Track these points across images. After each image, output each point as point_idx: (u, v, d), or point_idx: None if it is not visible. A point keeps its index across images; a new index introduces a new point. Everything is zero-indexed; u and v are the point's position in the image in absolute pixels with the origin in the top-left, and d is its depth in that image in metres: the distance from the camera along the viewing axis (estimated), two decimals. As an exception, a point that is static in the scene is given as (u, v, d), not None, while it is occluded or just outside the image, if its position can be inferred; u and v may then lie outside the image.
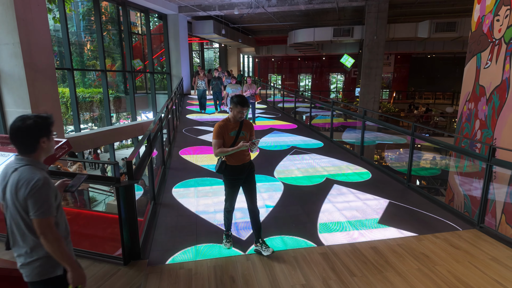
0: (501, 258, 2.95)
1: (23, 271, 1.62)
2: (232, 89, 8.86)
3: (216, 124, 2.86)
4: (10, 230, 1.59)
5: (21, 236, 1.56)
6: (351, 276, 2.66)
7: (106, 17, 12.23)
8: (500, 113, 4.59)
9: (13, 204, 1.51)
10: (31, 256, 1.58)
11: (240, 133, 2.87)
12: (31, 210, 1.47)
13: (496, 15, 4.86)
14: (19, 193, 1.47)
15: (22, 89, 6.39)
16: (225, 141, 2.84)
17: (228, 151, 2.80)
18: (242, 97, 2.81)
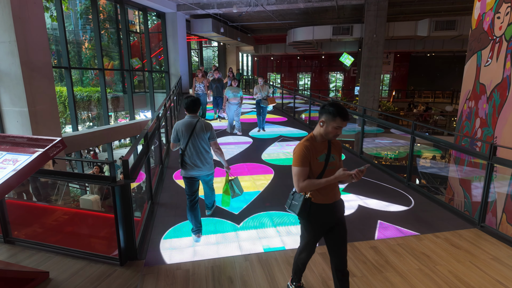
0: (502, 257, 2.92)
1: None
2: (233, 92, 7.65)
3: (299, 145, 2.05)
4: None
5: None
6: (351, 277, 2.62)
7: (104, 16, 12.16)
8: (501, 111, 4.56)
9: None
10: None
11: (330, 157, 2.08)
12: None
13: (497, 13, 4.82)
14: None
15: (18, 87, 6.33)
16: (311, 168, 2.05)
17: (322, 183, 1.99)
18: (341, 107, 1.97)
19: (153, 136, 4.26)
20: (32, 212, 4.19)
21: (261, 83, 8.04)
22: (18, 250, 2.95)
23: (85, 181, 3.39)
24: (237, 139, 7.61)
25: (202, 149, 3.25)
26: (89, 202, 5.83)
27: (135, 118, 11.88)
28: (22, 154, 2.31)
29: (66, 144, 2.52)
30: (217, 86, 9.44)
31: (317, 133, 2.07)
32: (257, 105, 8.12)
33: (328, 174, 2.05)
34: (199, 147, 3.23)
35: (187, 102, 3.27)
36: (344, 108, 1.98)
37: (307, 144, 2.04)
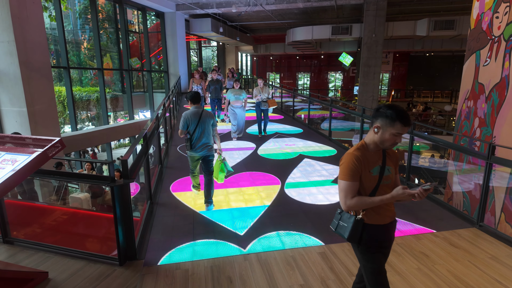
0: (501, 256, 2.93)
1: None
2: (235, 95, 6.97)
3: (348, 156, 1.75)
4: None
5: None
6: (350, 276, 2.63)
7: (103, 15, 12.14)
8: (500, 111, 4.57)
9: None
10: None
11: (385, 169, 1.77)
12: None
13: (496, 12, 4.83)
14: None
15: (17, 87, 6.32)
16: (362, 183, 1.73)
17: (375, 202, 1.70)
18: (401, 109, 1.67)
19: (152, 136, 4.26)
20: (31, 212, 4.18)
21: (261, 84, 7.51)
22: (17, 250, 2.95)
23: (84, 181, 3.39)
24: (239, 144, 7.05)
25: (207, 133, 3.95)
26: (78, 200, 5.68)
27: (134, 118, 11.87)
28: (21, 154, 2.31)
29: (65, 144, 2.52)
30: (216, 87, 8.74)
31: (370, 141, 1.74)
32: (257, 107, 7.55)
33: (383, 190, 1.74)
34: (205, 131, 3.94)
35: (191, 96, 3.96)
36: (404, 111, 1.67)
37: (357, 154, 1.72)
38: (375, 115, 1.73)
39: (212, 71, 9.36)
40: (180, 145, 6.74)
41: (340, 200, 1.77)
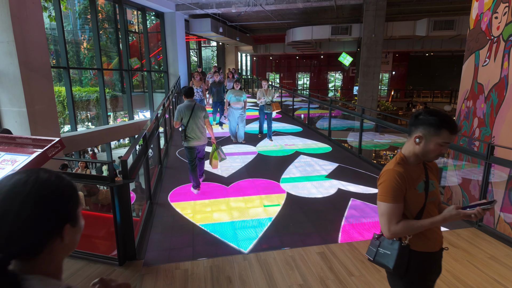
0: (500, 256, 2.93)
1: None
2: (236, 96, 6.74)
3: (389, 173, 1.49)
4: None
5: None
6: (349, 276, 2.63)
7: (103, 15, 12.14)
8: (499, 111, 4.57)
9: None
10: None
11: (429, 185, 1.53)
12: None
13: (495, 13, 4.84)
14: None
15: (17, 88, 6.32)
16: (408, 203, 1.48)
17: (425, 225, 1.44)
18: (446, 115, 1.44)
19: (152, 136, 4.26)
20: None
21: (265, 86, 7.11)
22: (17, 250, 2.95)
23: (84, 181, 3.40)
24: (240, 148, 6.82)
25: (199, 125, 4.36)
26: None
27: (134, 118, 11.87)
28: (21, 155, 2.31)
29: (64, 144, 2.52)
30: (218, 90, 8.34)
31: (410, 153, 1.51)
32: (261, 111, 7.30)
33: (429, 209, 1.50)
34: (198, 123, 4.33)
35: (185, 90, 4.44)
36: (449, 116, 1.44)
37: (400, 171, 1.46)
38: (415, 123, 1.48)
39: (214, 73, 8.78)
40: (179, 150, 6.54)
41: (382, 226, 1.48)
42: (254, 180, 4.94)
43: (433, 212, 1.51)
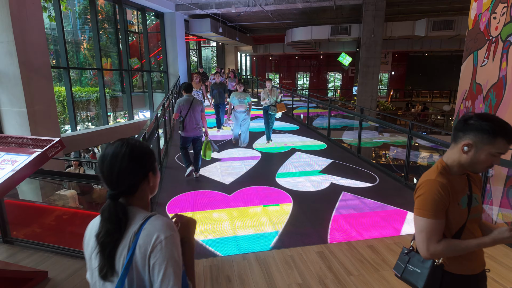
0: (498, 256, 2.95)
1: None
2: (239, 99, 6.43)
3: (429, 183, 1.30)
4: None
5: None
6: (348, 275, 2.65)
7: (103, 16, 12.15)
8: (497, 111, 4.59)
9: None
10: None
11: (473, 199, 1.35)
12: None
13: (493, 13, 4.85)
14: None
15: (17, 88, 6.33)
16: (449, 219, 1.30)
17: (470, 247, 1.26)
18: (501, 121, 1.23)
19: (151, 136, 4.27)
20: (30, 212, 4.20)
21: (269, 87, 6.82)
22: (17, 250, 2.96)
23: (84, 181, 3.41)
24: (242, 152, 6.54)
25: (196, 117, 4.90)
26: (64, 198, 5.40)
27: (133, 118, 11.88)
28: (21, 155, 2.33)
29: (64, 144, 2.54)
30: (220, 91, 7.92)
31: (453, 163, 1.32)
32: (265, 112, 6.93)
33: (471, 228, 1.32)
34: (195, 115, 4.87)
35: (185, 86, 4.98)
36: (506, 123, 1.23)
37: (444, 183, 1.27)
38: (463, 129, 1.27)
39: (215, 74, 8.17)
40: (178, 154, 6.07)
41: (419, 244, 1.29)
42: (258, 188, 4.64)
43: (474, 230, 1.33)
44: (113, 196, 0.99)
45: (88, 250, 1.05)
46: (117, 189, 1.00)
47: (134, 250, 0.94)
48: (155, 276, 0.93)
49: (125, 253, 0.95)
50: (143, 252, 0.94)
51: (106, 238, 0.97)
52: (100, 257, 0.98)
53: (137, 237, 0.95)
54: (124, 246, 0.96)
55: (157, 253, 0.93)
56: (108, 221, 0.98)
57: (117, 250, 0.97)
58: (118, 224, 0.97)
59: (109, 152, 1.01)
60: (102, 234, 0.98)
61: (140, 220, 0.98)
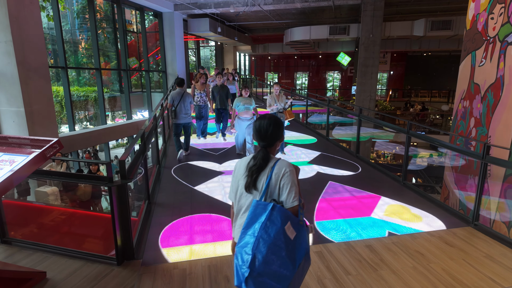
0: (495, 255, 2.96)
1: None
2: (245, 104, 5.73)
3: None
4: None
5: None
6: (346, 275, 2.66)
7: (101, 15, 12.12)
8: (495, 111, 4.61)
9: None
10: None
11: None
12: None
13: (491, 13, 4.87)
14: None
15: (15, 87, 6.31)
16: None
17: None
18: None
19: (150, 136, 4.27)
20: (29, 212, 4.19)
21: (277, 91, 6.12)
22: (15, 251, 2.96)
23: (82, 182, 3.40)
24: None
25: (186, 107, 5.84)
26: (44, 195, 5.07)
27: (132, 118, 11.87)
28: (19, 155, 2.32)
29: (62, 144, 2.53)
30: (221, 95, 7.03)
31: None
32: None
33: None
34: (185, 105, 5.82)
35: (177, 81, 5.96)
36: None
37: None
38: None
39: (217, 75, 7.24)
40: (175, 167, 5.51)
41: None
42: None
43: None
44: (264, 146, 1.69)
45: (237, 175, 1.74)
46: (266, 142, 1.68)
47: (271, 176, 1.62)
48: (283, 191, 1.59)
49: (264, 178, 1.63)
50: (276, 177, 1.61)
51: (256, 168, 1.65)
52: (247, 178, 1.66)
53: (273, 169, 1.63)
54: (264, 174, 1.64)
55: (285, 178, 1.60)
56: (260, 159, 1.66)
57: (259, 175, 1.64)
58: (265, 161, 1.65)
59: (264, 122, 1.69)
60: (253, 166, 1.66)
61: (274, 160, 1.67)
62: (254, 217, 1.51)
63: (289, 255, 1.46)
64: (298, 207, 1.58)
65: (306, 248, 1.56)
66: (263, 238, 1.44)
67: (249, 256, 1.42)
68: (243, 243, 1.49)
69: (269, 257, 1.42)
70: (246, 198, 1.67)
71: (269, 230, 1.45)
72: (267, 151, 1.68)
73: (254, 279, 1.40)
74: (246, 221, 1.53)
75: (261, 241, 1.43)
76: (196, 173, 5.25)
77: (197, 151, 6.62)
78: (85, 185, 6.00)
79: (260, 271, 1.40)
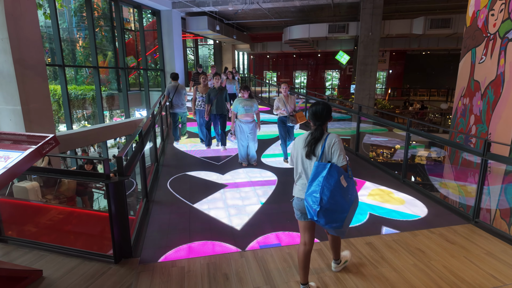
0: (496, 252, 2.94)
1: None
2: (245, 106, 5.10)
3: None
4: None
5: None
6: (346, 272, 2.63)
7: (98, 13, 12.05)
8: (495, 108, 4.58)
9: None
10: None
11: None
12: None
13: (491, 10, 4.84)
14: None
15: (11, 85, 6.26)
16: None
17: None
18: None
19: (148, 133, 4.23)
20: (25, 210, 4.15)
21: (286, 92, 5.37)
22: (11, 249, 2.92)
23: (78, 178, 3.36)
24: (252, 173, 5.07)
25: (181, 98, 6.60)
26: (23, 190, 4.81)
27: (130, 117, 11.81)
28: (14, 151, 2.28)
29: (59, 141, 2.49)
30: (219, 99, 5.82)
31: None
32: (280, 124, 5.47)
33: None
34: (180, 97, 6.59)
35: (173, 76, 6.75)
36: None
37: None
38: None
39: (215, 76, 6.02)
40: (171, 179, 4.80)
41: None
42: (280, 236, 3.24)
43: None
44: (319, 125, 2.25)
45: (297, 148, 2.34)
46: (320, 122, 2.25)
47: (325, 145, 2.20)
48: (334, 155, 2.18)
49: (320, 147, 2.21)
50: (328, 146, 2.20)
51: (314, 140, 2.23)
52: (307, 148, 2.23)
53: (325, 140, 2.21)
54: (319, 144, 2.21)
55: (335, 146, 2.18)
56: (317, 133, 2.24)
57: (316, 145, 2.22)
58: (320, 134, 2.24)
59: (319, 107, 2.26)
60: (311, 139, 2.24)
61: (326, 134, 2.25)
62: (317, 173, 2.14)
63: (344, 197, 2.13)
64: (346, 166, 2.19)
65: (355, 194, 2.24)
66: (326, 185, 2.09)
67: (318, 198, 2.08)
68: (311, 190, 2.14)
69: (331, 198, 2.08)
70: (306, 163, 2.27)
71: (329, 180, 2.09)
72: (321, 128, 2.26)
73: (323, 212, 2.09)
74: (311, 177, 2.16)
75: (325, 188, 2.08)
76: (196, 186, 4.50)
77: (197, 160, 5.78)
78: (69, 180, 5.89)
79: (327, 207, 2.08)
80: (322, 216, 2.09)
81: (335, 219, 2.11)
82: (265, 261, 2.79)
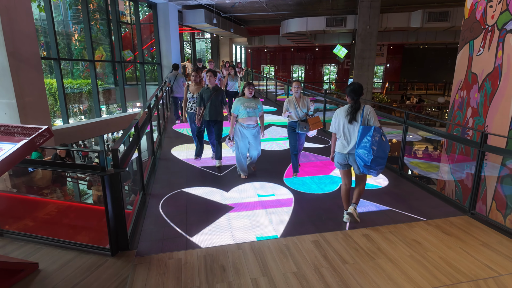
0: (492, 243, 2.96)
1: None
2: (247, 108, 4.28)
3: None
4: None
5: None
6: (343, 264, 2.63)
7: (94, 6, 11.89)
8: (492, 100, 4.58)
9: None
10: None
11: None
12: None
13: (489, 2, 4.81)
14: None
15: (6, 79, 6.19)
16: None
17: None
18: None
19: (144, 126, 4.20)
20: (21, 204, 4.13)
21: (298, 93, 4.39)
22: (7, 242, 2.90)
23: (73, 171, 3.34)
24: (262, 191, 4.12)
25: (180, 85, 7.97)
26: None
27: (127, 111, 11.74)
28: (7, 143, 2.25)
29: (56, 137, 2.46)
30: (212, 101, 4.71)
31: None
32: (290, 130, 4.53)
33: None
34: (179, 84, 7.98)
35: (174, 66, 8.25)
36: None
37: None
38: None
39: (208, 73, 4.70)
40: (164, 198, 3.87)
41: None
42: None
43: None
44: (357, 99, 3.12)
45: (338, 118, 3.21)
46: (358, 96, 3.11)
47: (363, 113, 3.09)
48: (371, 120, 3.07)
49: (359, 114, 3.10)
50: (366, 113, 3.08)
51: (355, 110, 3.11)
52: (350, 115, 3.11)
53: (363, 109, 3.10)
54: (359, 113, 3.11)
55: (371, 113, 3.08)
56: (357, 103, 3.12)
57: (356, 114, 3.11)
58: (358, 105, 3.11)
59: (356, 85, 3.13)
60: (351, 111, 3.12)
61: (363, 105, 3.12)
62: (364, 133, 2.98)
63: (384, 149, 2.97)
64: (380, 127, 3.02)
65: (388, 146, 3.03)
66: (373, 141, 2.93)
67: (370, 150, 2.91)
68: (362, 146, 2.97)
69: (378, 149, 2.92)
70: (348, 127, 3.13)
71: (375, 138, 2.94)
72: (359, 101, 3.12)
73: (374, 160, 2.92)
74: (359, 137, 3.01)
75: (374, 142, 2.93)
76: (194, 209, 3.63)
77: (195, 170, 4.91)
78: (43, 170, 5.49)
79: (376, 156, 2.91)
80: (374, 162, 2.91)
81: (381, 163, 2.96)
82: (262, 252, 2.79)
